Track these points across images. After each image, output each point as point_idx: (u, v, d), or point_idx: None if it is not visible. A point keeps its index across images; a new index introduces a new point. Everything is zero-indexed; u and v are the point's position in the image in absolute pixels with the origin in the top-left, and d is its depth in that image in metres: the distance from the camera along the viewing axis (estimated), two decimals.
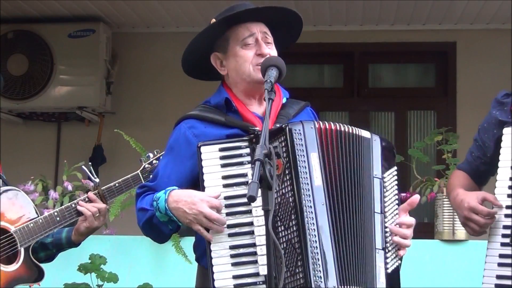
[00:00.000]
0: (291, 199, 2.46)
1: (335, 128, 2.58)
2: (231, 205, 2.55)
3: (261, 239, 2.48)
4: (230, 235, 2.53)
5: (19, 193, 3.24)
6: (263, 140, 2.30)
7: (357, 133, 2.61)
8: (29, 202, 3.26)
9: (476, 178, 3.06)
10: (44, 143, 6.75)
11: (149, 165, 3.39)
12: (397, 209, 2.63)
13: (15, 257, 3.15)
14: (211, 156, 2.58)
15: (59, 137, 6.80)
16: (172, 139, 2.77)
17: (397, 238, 2.57)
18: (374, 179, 2.59)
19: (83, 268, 4.24)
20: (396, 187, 2.65)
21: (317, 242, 2.42)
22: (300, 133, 2.51)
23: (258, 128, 2.63)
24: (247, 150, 2.58)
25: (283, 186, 2.48)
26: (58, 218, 3.21)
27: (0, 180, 3.27)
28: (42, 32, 6.33)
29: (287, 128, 2.51)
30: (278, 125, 2.59)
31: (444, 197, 4.60)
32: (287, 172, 2.48)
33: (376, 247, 2.52)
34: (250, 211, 2.53)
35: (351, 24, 6.57)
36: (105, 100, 6.42)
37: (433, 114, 6.79)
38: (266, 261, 2.33)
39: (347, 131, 2.59)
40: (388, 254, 2.55)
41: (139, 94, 6.70)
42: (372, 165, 2.60)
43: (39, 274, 3.18)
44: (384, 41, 6.66)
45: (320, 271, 2.40)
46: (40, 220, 3.19)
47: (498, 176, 2.83)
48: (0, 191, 3.17)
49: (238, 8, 2.72)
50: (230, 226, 2.54)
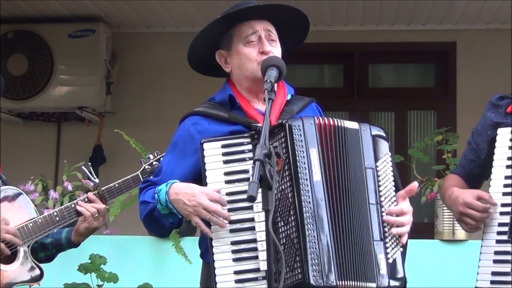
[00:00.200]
0: (290, 195, 2.47)
1: (333, 124, 2.58)
2: (233, 201, 2.56)
3: (262, 235, 2.48)
4: (232, 231, 2.54)
5: (19, 193, 3.24)
6: (263, 140, 2.31)
7: (344, 125, 2.60)
8: (29, 202, 3.26)
9: (470, 182, 3.05)
10: (44, 143, 6.74)
11: (149, 166, 3.39)
12: (395, 196, 2.59)
13: (15, 257, 3.15)
14: (214, 153, 2.59)
15: (59, 137, 6.79)
16: (176, 135, 2.78)
17: (394, 229, 2.55)
18: (366, 170, 2.57)
19: (83, 268, 4.24)
20: (392, 174, 2.61)
21: (316, 238, 2.42)
22: (300, 129, 2.52)
23: (261, 125, 2.62)
24: (249, 147, 2.59)
25: (283, 182, 2.49)
26: (58, 218, 3.21)
27: (0, 180, 3.27)
28: (42, 32, 6.32)
29: (287, 124, 2.52)
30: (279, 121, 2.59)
31: None
32: (286, 168, 2.48)
33: (374, 239, 2.50)
34: (252, 207, 2.54)
35: (351, 24, 6.56)
36: (105, 100, 6.41)
37: (433, 114, 6.78)
38: (266, 259, 2.34)
39: (337, 125, 2.59)
40: (388, 244, 2.53)
41: (139, 94, 6.70)
42: (363, 156, 2.58)
43: (39, 274, 3.18)
44: (384, 41, 6.65)
45: (319, 267, 2.40)
46: (40, 220, 3.19)
47: (493, 175, 2.84)
48: (0, 191, 3.17)
49: (243, 6, 2.72)
50: (232, 222, 2.55)
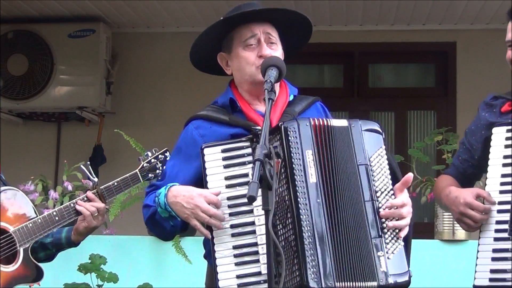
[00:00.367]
0: (287, 198, 2.47)
1: (323, 124, 2.58)
2: (234, 205, 2.57)
3: (263, 238, 2.48)
4: (234, 235, 2.55)
5: (18, 193, 3.24)
6: (263, 140, 2.31)
7: (332, 124, 2.59)
8: (28, 202, 3.26)
9: (463, 182, 3.04)
10: (44, 143, 6.74)
11: (148, 164, 3.38)
12: (392, 189, 2.57)
13: (14, 257, 3.15)
14: (214, 158, 2.60)
15: (59, 137, 6.79)
16: (180, 140, 2.80)
17: (393, 222, 2.52)
18: (359, 167, 2.55)
19: (83, 268, 4.24)
20: (388, 167, 2.59)
21: (313, 240, 2.42)
22: (295, 131, 2.52)
23: (260, 128, 2.62)
24: (249, 150, 2.60)
25: (280, 185, 2.48)
26: (57, 218, 3.21)
27: None
28: (42, 32, 6.32)
29: (283, 127, 2.52)
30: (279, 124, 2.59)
31: None
32: (283, 171, 2.48)
33: (372, 236, 2.48)
34: (252, 211, 2.54)
35: (351, 24, 6.56)
36: (105, 100, 6.41)
37: (433, 114, 6.79)
38: (266, 261, 2.33)
39: (326, 124, 2.58)
40: (388, 240, 2.51)
41: (139, 94, 6.70)
42: (355, 153, 2.56)
43: (39, 274, 3.18)
44: (384, 41, 6.65)
45: (316, 269, 2.39)
46: (39, 220, 3.19)
47: (489, 174, 2.83)
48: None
49: (244, 8, 2.72)
50: (234, 226, 2.55)
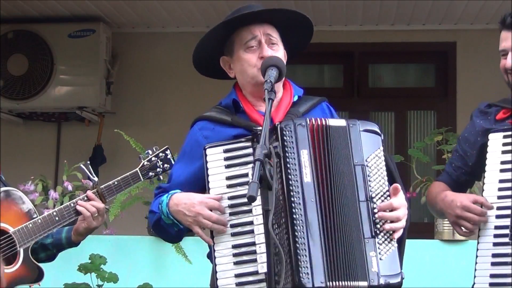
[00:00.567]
0: (281, 198, 2.47)
1: (321, 123, 2.58)
2: (235, 205, 2.58)
3: (260, 237, 2.50)
4: (233, 235, 2.57)
5: (18, 194, 3.23)
6: (263, 140, 2.33)
7: (330, 124, 2.59)
8: (28, 203, 3.26)
9: (455, 189, 3.03)
10: (44, 143, 6.74)
11: (148, 163, 3.38)
12: (388, 191, 2.56)
13: (15, 258, 3.14)
14: (216, 158, 2.62)
15: (59, 137, 6.79)
16: (186, 142, 2.83)
17: (388, 224, 2.51)
18: (356, 167, 2.55)
19: (83, 268, 4.24)
20: (385, 168, 2.58)
21: (305, 239, 2.42)
22: (291, 131, 2.53)
23: (260, 128, 2.61)
24: (250, 150, 2.61)
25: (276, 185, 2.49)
26: (57, 218, 3.21)
27: None
28: (42, 32, 6.32)
29: (279, 127, 2.54)
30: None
31: None
32: (278, 171, 2.49)
33: (365, 237, 2.48)
34: (251, 210, 2.55)
35: (351, 24, 6.56)
36: (105, 100, 6.41)
37: (433, 114, 6.79)
38: (266, 260, 2.36)
39: (324, 124, 2.58)
40: (381, 241, 2.50)
41: (139, 94, 6.69)
42: (352, 153, 2.56)
43: (39, 274, 3.18)
44: (384, 41, 6.65)
45: (307, 268, 2.39)
46: (39, 221, 3.19)
47: (486, 180, 2.85)
48: None
49: (244, 10, 2.72)
50: (233, 226, 2.57)
